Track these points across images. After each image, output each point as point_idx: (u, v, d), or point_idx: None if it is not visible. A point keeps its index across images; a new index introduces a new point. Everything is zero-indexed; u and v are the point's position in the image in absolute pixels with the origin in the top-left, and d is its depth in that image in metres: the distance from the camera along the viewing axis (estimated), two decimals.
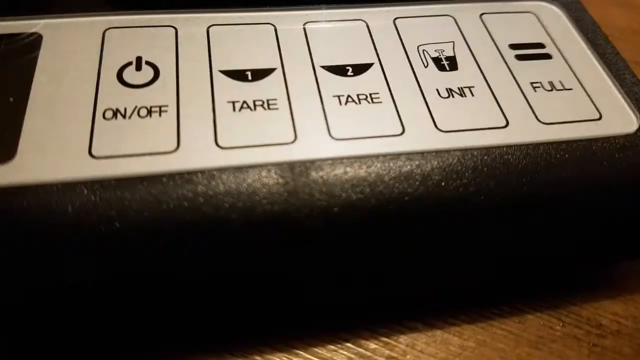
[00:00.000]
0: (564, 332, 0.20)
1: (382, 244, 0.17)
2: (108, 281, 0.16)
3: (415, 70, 0.20)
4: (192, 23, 0.20)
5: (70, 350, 0.18)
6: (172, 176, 0.16)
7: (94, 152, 0.16)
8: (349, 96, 0.19)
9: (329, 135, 0.17)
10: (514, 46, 0.21)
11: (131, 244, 0.15)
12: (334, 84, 0.19)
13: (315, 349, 0.19)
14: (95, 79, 0.18)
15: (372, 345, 0.19)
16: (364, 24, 0.21)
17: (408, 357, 0.19)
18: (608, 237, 0.19)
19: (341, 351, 0.19)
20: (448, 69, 0.20)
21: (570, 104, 0.19)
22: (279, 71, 0.19)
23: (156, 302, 0.17)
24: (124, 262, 0.15)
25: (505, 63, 0.20)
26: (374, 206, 0.16)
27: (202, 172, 0.16)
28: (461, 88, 0.19)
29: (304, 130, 0.17)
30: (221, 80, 0.18)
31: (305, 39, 0.20)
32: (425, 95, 0.19)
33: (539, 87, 0.20)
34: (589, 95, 0.20)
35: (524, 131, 0.18)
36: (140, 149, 0.17)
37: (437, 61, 0.20)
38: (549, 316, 0.20)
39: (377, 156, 0.17)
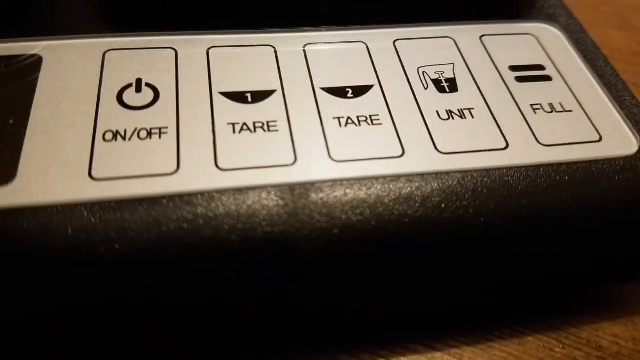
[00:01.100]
0: (564, 354, 0.20)
1: (382, 265, 0.17)
2: (108, 303, 0.16)
3: (415, 92, 0.20)
4: (192, 45, 0.21)
5: None
6: (172, 198, 0.16)
7: (94, 174, 0.17)
8: (349, 118, 0.19)
9: (329, 157, 0.18)
10: (514, 68, 0.22)
11: (131, 266, 0.16)
12: (334, 105, 0.19)
13: None
14: (96, 101, 0.19)
15: None
16: (364, 45, 0.22)
17: None
18: (608, 259, 0.19)
19: None
20: (448, 90, 0.20)
21: (570, 125, 0.20)
22: (279, 93, 0.19)
23: (156, 324, 0.17)
24: (124, 284, 0.16)
25: (505, 85, 0.21)
26: (374, 228, 0.17)
27: (202, 193, 0.17)
28: (461, 110, 0.20)
29: (304, 152, 0.18)
30: (221, 102, 0.19)
31: (305, 61, 0.21)
32: (425, 117, 0.19)
33: (539, 108, 0.20)
34: (588, 117, 0.20)
35: (524, 153, 0.19)
36: (140, 170, 0.17)
37: (437, 83, 0.21)
38: (548, 338, 0.20)
39: (377, 178, 0.17)
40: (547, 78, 0.21)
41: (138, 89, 0.19)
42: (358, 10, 0.23)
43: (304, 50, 0.21)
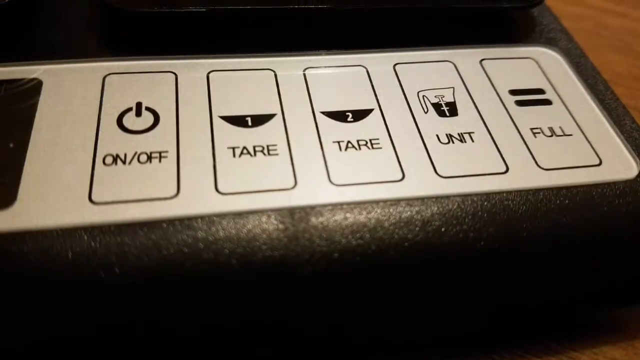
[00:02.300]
0: None
1: (382, 289, 0.18)
2: (109, 327, 0.16)
3: (415, 115, 0.21)
4: (192, 69, 0.21)
5: None
6: (172, 222, 0.17)
7: (94, 197, 0.17)
8: (349, 142, 0.20)
9: (329, 181, 0.18)
10: (514, 92, 0.22)
11: (131, 290, 0.16)
12: (334, 129, 0.20)
13: None
14: (95, 125, 0.19)
15: None
16: (364, 69, 0.22)
17: None
18: (608, 283, 0.20)
19: None
20: (448, 114, 0.21)
21: (570, 149, 0.20)
22: (279, 117, 0.20)
23: (157, 348, 0.17)
24: (125, 308, 0.16)
25: (505, 109, 0.21)
26: (374, 252, 0.17)
27: (202, 217, 0.17)
28: (461, 134, 0.20)
29: (304, 176, 0.18)
30: (221, 125, 0.19)
31: (305, 85, 0.21)
32: (425, 141, 0.20)
33: (539, 132, 0.21)
34: (588, 141, 0.21)
35: (524, 177, 0.19)
36: (140, 194, 0.17)
37: (437, 107, 0.21)
38: None
39: (377, 202, 0.18)
40: (547, 102, 0.22)
41: (138, 113, 0.20)
42: (358, 34, 0.23)
43: (304, 74, 0.22)
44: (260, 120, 0.20)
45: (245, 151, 0.19)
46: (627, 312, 0.22)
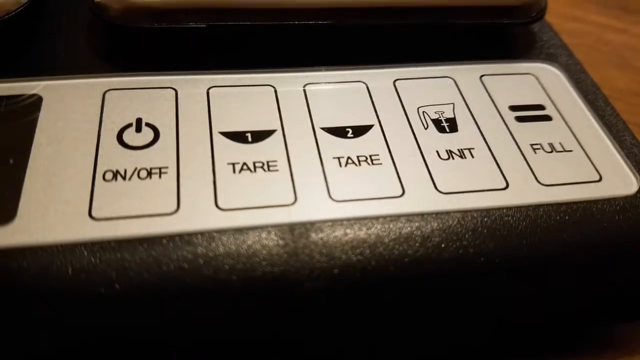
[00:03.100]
0: None
1: (383, 305, 0.18)
2: (108, 343, 0.17)
3: (415, 131, 0.21)
4: (192, 85, 0.22)
5: None
6: (172, 238, 0.17)
7: (94, 213, 0.17)
8: (349, 158, 0.20)
9: (329, 197, 0.19)
10: (513, 108, 0.22)
11: (131, 306, 0.16)
12: (334, 145, 0.20)
13: None
14: (96, 141, 0.19)
15: None
16: (364, 85, 0.23)
17: None
18: (608, 299, 0.20)
19: None
20: (448, 130, 0.21)
21: (570, 165, 0.21)
22: (279, 133, 0.20)
23: None
24: (125, 324, 0.16)
25: (505, 125, 0.22)
26: (374, 267, 0.17)
27: (202, 233, 0.17)
28: (461, 150, 0.21)
29: (304, 192, 0.19)
30: (221, 141, 0.20)
31: (305, 101, 0.22)
32: (425, 157, 0.20)
33: (538, 148, 0.21)
34: (588, 157, 0.21)
35: (524, 193, 0.19)
36: (140, 210, 0.18)
37: (437, 123, 0.22)
38: None
39: (377, 218, 0.18)
40: (547, 118, 0.22)
41: (138, 129, 0.20)
42: (358, 50, 0.24)
43: (304, 90, 0.22)
44: (260, 136, 0.20)
45: (245, 167, 0.19)
46: (627, 328, 0.22)
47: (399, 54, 0.24)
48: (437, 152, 0.20)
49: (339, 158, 0.20)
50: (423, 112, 0.22)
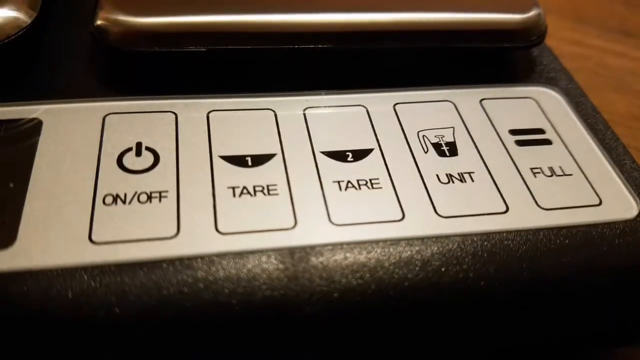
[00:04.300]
0: None
1: (382, 329, 0.18)
2: None
3: (415, 155, 0.22)
4: (192, 108, 0.22)
5: None
6: (172, 262, 0.18)
7: (94, 237, 0.18)
8: (349, 182, 0.20)
9: (329, 221, 0.19)
10: (514, 132, 0.23)
11: (131, 330, 0.17)
12: (334, 169, 0.21)
13: None
14: (96, 165, 0.20)
15: None
16: (364, 109, 0.23)
17: None
18: (608, 323, 0.20)
19: None
20: (448, 154, 0.22)
21: (570, 189, 0.21)
22: (279, 157, 0.21)
23: None
24: (125, 348, 0.17)
25: (505, 148, 0.22)
26: (374, 291, 0.18)
27: (202, 257, 0.18)
28: (461, 174, 0.21)
29: (304, 216, 0.19)
30: (221, 165, 0.20)
31: (305, 125, 0.22)
32: (425, 181, 0.21)
33: (539, 172, 0.21)
34: (588, 181, 0.21)
35: (524, 217, 0.20)
36: (140, 234, 0.18)
37: (437, 147, 0.22)
38: None
39: (377, 242, 0.19)
40: (547, 142, 0.23)
41: (138, 153, 0.20)
42: (358, 74, 0.24)
43: (304, 114, 0.23)
44: (260, 160, 0.21)
45: (245, 191, 0.20)
46: (627, 352, 0.22)
47: (399, 77, 0.24)
48: (437, 176, 0.21)
49: (339, 182, 0.20)
50: (423, 136, 0.22)
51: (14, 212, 0.18)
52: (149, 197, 0.19)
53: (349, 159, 0.21)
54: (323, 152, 0.21)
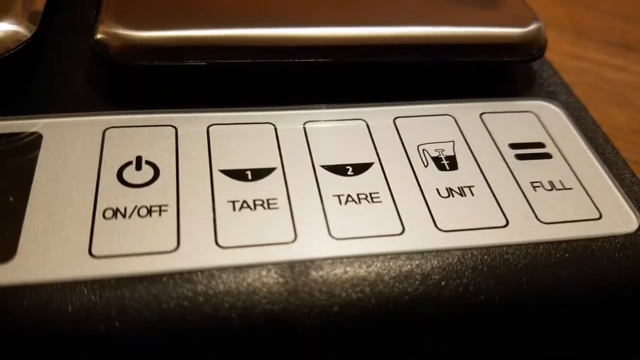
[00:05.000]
0: None
1: (382, 343, 0.18)
2: None
3: (415, 169, 0.22)
4: (192, 122, 0.22)
5: None
6: (172, 275, 0.18)
7: (94, 251, 0.18)
8: (349, 195, 0.21)
9: (329, 235, 0.19)
10: (513, 145, 0.23)
11: (131, 344, 0.17)
12: (334, 183, 0.21)
13: None
14: (96, 179, 0.20)
15: None
16: (364, 123, 0.23)
17: None
18: (608, 337, 0.20)
19: None
20: (448, 168, 0.22)
21: (570, 203, 0.21)
22: (279, 171, 0.21)
23: None
24: None
25: (505, 162, 0.23)
26: (374, 305, 0.18)
27: (202, 271, 0.18)
28: (461, 187, 0.21)
29: (304, 230, 0.19)
30: (221, 179, 0.21)
31: (305, 139, 0.22)
32: (425, 195, 0.21)
33: (539, 186, 0.22)
34: (588, 195, 0.22)
35: (524, 231, 0.20)
36: (140, 248, 0.18)
37: (437, 160, 0.22)
38: None
39: (377, 255, 0.19)
40: (547, 156, 0.23)
41: (138, 167, 0.21)
42: (358, 87, 0.25)
43: (304, 128, 0.23)
44: (260, 174, 0.21)
45: (245, 205, 0.20)
46: None
47: (399, 91, 0.25)
48: (437, 189, 0.21)
49: (339, 196, 0.20)
50: (423, 149, 0.23)
51: (14, 225, 0.18)
52: (149, 211, 0.19)
53: (349, 172, 0.21)
54: (323, 166, 0.21)
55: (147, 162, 0.21)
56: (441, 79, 0.26)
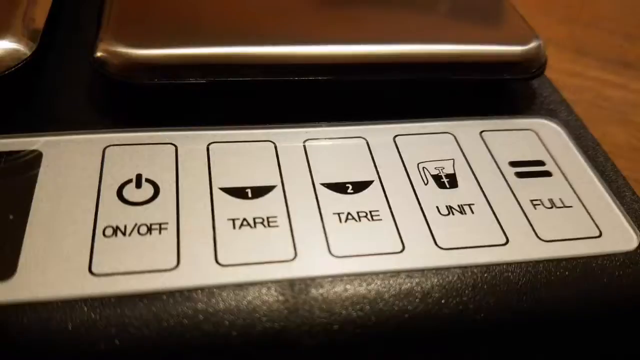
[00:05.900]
0: None
1: None
2: None
3: (415, 187, 0.22)
4: (192, 140, 0.23)
5: None
6: (172, 293, 0.18)
7: (94, 269, 0.18)
8: (349, 213, 0.21)
9: (329, 253, 0.20)
10: (514, 164, 0.24)
11: None
12: (334, 201, 0.21)
13: None
14: (96, 197, 0.20)
15: None
16: (364, 141, 0.24)
17: None
18: (609, 355, 0.21)
19: None
20: (448, 186, 0.22)
21: (570, 221, 0.22)
22: (279, 189, 0.21)
23: None
24: None
25: (505, 180, 0.23)
26: (374, 323, 0.18)
27: (202, 289, 0.18)
28: (461, 205, 0.22)
29: (304, 248, 0.20)
30: (221, 197, 0.21)
31: (305, 157, 0.23)
32: (425, 213, 0.21)
33: (539, 204, 0.22)
34: (588, 213, 0.22)
35: (524, 249, 0.20)
36: (140, 266, 0.19)
37: (437, 179, 0.23)
38: None
39: (377, 273, 0.19)
40: (547, 174, 0.23)
41: (138, 185, 0.21)
42: (358, 105, 0.25)
43: (304, 146, 0.23)
44: (260, 191, 0.21)
45: (245, 223, 0.20)
46: None
47: (399, 109, 0.25)
48: (437, 207, 0.21)
49: (339, 214, 0.21)
50: (423, 167, 0.23)
51: (14, 243, 0.19)
52: (149, 229, 0.20)
53: (349, 190, 0.22)
54: (323, 184, 0.22)
55: (147, 180, 0.21)
56: (441, 96, 0.26)
